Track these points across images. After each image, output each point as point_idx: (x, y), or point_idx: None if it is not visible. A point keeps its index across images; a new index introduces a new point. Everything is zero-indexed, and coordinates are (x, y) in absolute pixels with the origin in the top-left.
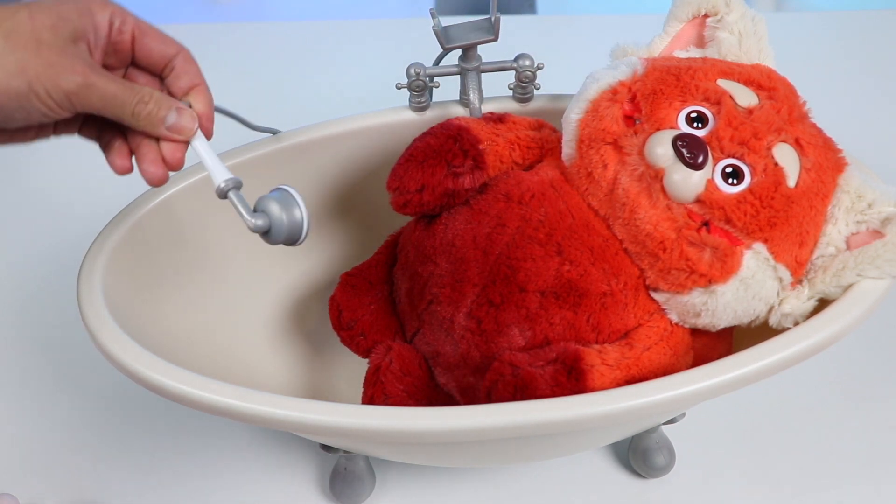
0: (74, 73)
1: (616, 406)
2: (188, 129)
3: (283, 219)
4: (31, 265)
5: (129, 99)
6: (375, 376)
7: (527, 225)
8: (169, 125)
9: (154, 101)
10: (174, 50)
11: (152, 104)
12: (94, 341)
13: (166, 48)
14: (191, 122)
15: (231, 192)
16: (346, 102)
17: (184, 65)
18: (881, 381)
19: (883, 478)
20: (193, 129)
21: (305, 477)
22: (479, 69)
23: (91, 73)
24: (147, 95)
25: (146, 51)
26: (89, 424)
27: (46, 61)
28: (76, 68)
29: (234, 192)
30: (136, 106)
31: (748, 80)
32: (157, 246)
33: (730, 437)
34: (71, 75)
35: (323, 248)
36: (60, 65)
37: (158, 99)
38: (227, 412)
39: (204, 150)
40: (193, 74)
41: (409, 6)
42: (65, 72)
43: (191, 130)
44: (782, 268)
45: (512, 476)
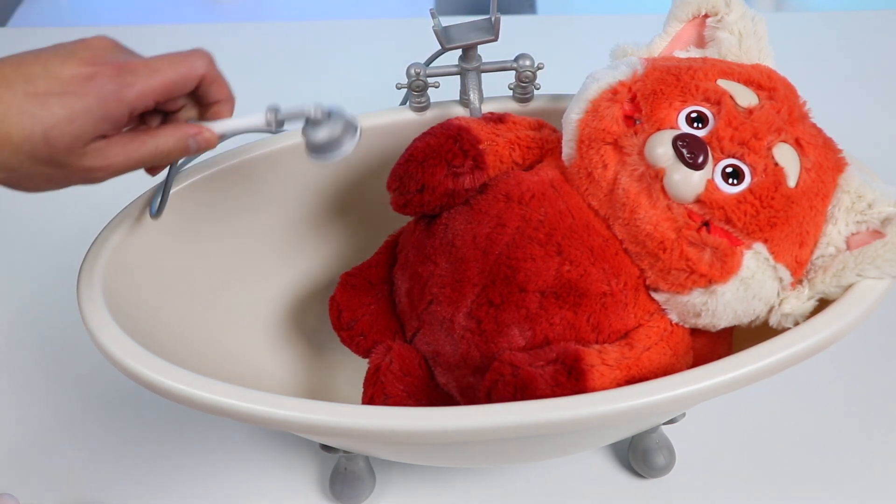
0: (95, 172)
1: (616, 406)
2: (213, 141)
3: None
4: (32, 265)
5: (151, 156)
6: (375, 376)
7: (527, 225)
8: (193, 150)
9: (172, 143)
10: (195, 74)
11: (172, 148)
12: (94, 341)
13: (188, 82)
14: (211, 136)
15: (279, 115)
16: (346, 102)
17: (211, 76)
18: (881, 381)
19: (883, 478)
20: (216, 141)
21: (305, 477)
22: (479, 69)
23: (108, 163)
24: (162, 143)
25: (174, 95)
26: (89, 424)
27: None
28: (94, 167)
29: (281, 112)
30: (161, 158)
31: (748, 80)
32: (157, 245)
33: (730, 437)
34: (93, 175)
35: (323, 248)
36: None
37: (174, 141)
38: (227, 412)
39: (232, 126)
40: (219, 84)
41: (409, 6)
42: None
43: (215, 141)
44: (782, 268)
45: (512, 476)
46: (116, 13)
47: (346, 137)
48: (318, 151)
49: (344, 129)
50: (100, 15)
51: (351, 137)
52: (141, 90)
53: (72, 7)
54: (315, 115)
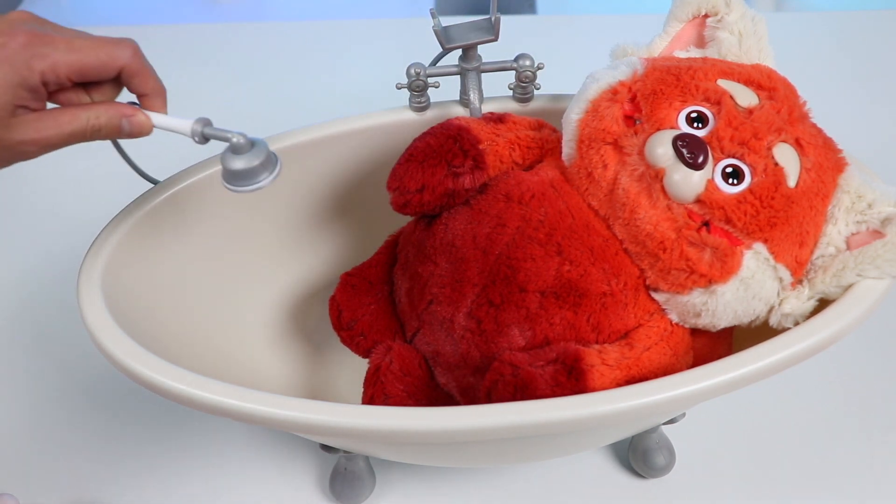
0: (25, 146)
1: (616, 406)
2: (145, 127)
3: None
4: (32, 265)
5: (82, 130)
6: (375, 376)
7: (527, 225)
8: (126, 132)
9: (104, 122)
10: (115, 64)
11: (104, 126)
12: (94, 341)
13: (108, 66)
14: (145, 121)
15: (206, 128)
16: (346, 102)
17: (133, 69)
18: (881, 381)
19: (883, 478)
20: (150, 126)
21: (305, 477)
22: (480, 69)
23: (39, 135)
24: (95, 119)
25: (91, 76)
26: (89, 424)
27: None
28: (25, 139)
29: (209, 127)
30: (92, 133)
31: (748, 80)
32: (157, 246)
33: (730, 437)
34: (23, 148)
35: (323, 248)
36: (11, 146)
37: (106, 118)
38: (227, 412)
39: (164, 121)
40: (143, 77)
41: (409, 6)
42: (17, 149)
43: (148, 128)
44: (782, 268)
45: (512, 476)
46: (116, 13)
47: (262, 171)
48: (232, 179)
49: (262, 163)
50: (100, 15)
51: (269, 173)
52: (53, 62)
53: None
54: (237, 143)
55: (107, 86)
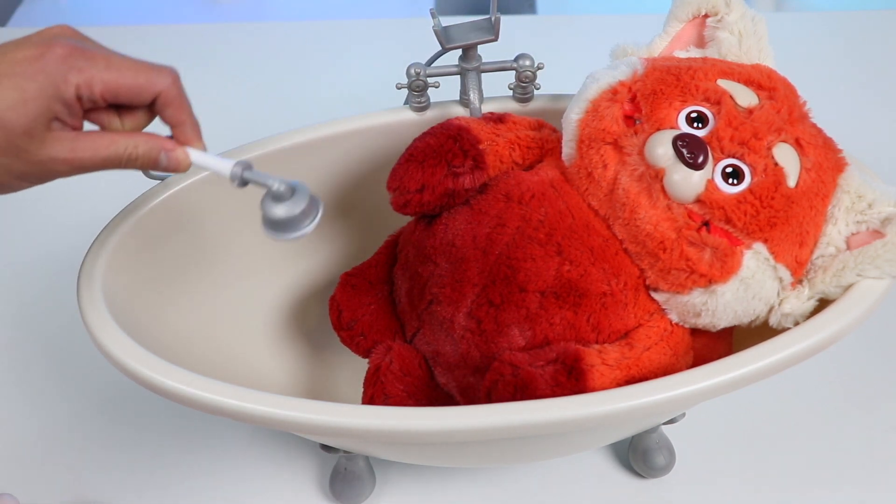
0: (58, 164)
1: (616, 406)
2: (183, 164)
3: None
4: (32, 265)
5: (118, 157)
6: (375, 376)
7: (527, 225)
8: (163, 166)
9: (142, 153)
10: (153, 89)
11: (141, 156)
12: (94, 341)
13: (144, 91)
14: (184, 157)
15: (246, 172)
16: (346, 102)
17: (169, 97)
18: (881, 381)
19: (883, 478)
20: (188, 163)
21: (305, 477)
22: (479, 69)
23: (74, 155)
24: (133, 148)
25: (124, 99)
26: (89, 424)
27: (29, 162)
28: (58, 158)
29: (249, 172)
30: (127, 162)
31: (748, 80)
32: (157, 246)
33: (730, 437)
34: (55, 166)
35: (323, 248)
36: (43, 162)
37: (145, 149)
38: (227, 412)
39: (203, 160)
40: (178, 107)
41: (409, 6)
42: (49, 166)
43: (185, 164)
44: (782, 268)
45: (512, 476)
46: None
47: (304, 219)
48: (273, 227)
49: (304, 210)
50: (100, 15)
51: (311, 219)
52: (90, 77)
53: (72, 7)
54: (277, 190)
55: (140, 112)
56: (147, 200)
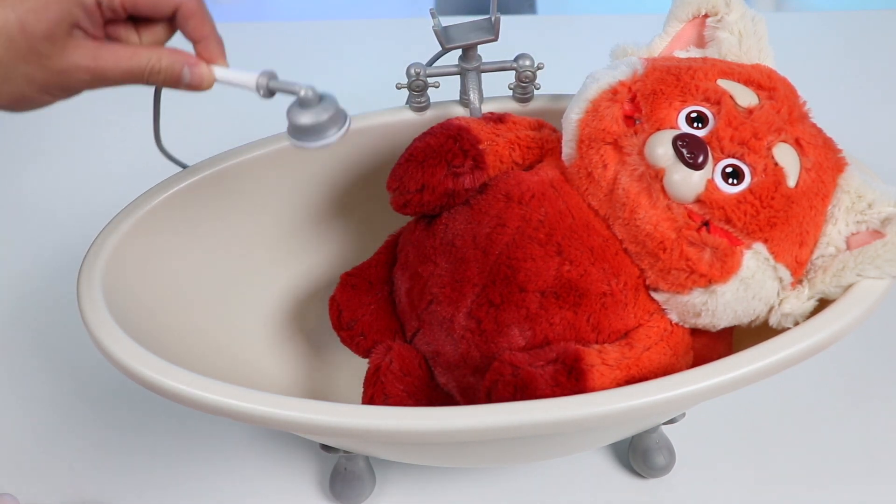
0: (80, 73)
1: (616, 406)
2: (206, 80)
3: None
4: (32, 265)
5: (140, 70)
6: (375, 376)
7: (527, 225)
8: (186, 83)
9: (165, 66)
10: (170, 4)
11: (164, 69)
12: (94, 341)
13: (163, 3)
14: (207, 73)
15: (271, 81)
16: (346, 102)
17: (190, 10)
18: (881, 381)
19: (883, 477)
20: (211, 79)
21: (305, 477)
22: (479, 69)
23: (96, 63)
24: (156, 61)
25: (144, 10)
26: (89, 424)
27: (50, 70)
28: (80, 65)
29: (275, 80)
30: (150, 76)
31: (748, 80)
32: (157, 246)
33: (730, 437)
34: (77, 75)
35: (323, 248)
36: (65, 71)
37: (168, 62)
38: (227, 412)
39: (227, 76)
40: (199, 20)
41: (409, 6)
42: (71, 75)
43: (209, 81)
44: (782, 268)
45: (512, 476)
46: None
47: (331, 126)
48: (298, 134)
49: (332, 117)
50: None
51: (337, 128)
52: None
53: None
54: (305, 96)
55: (160, 27)
56: (147, 200)
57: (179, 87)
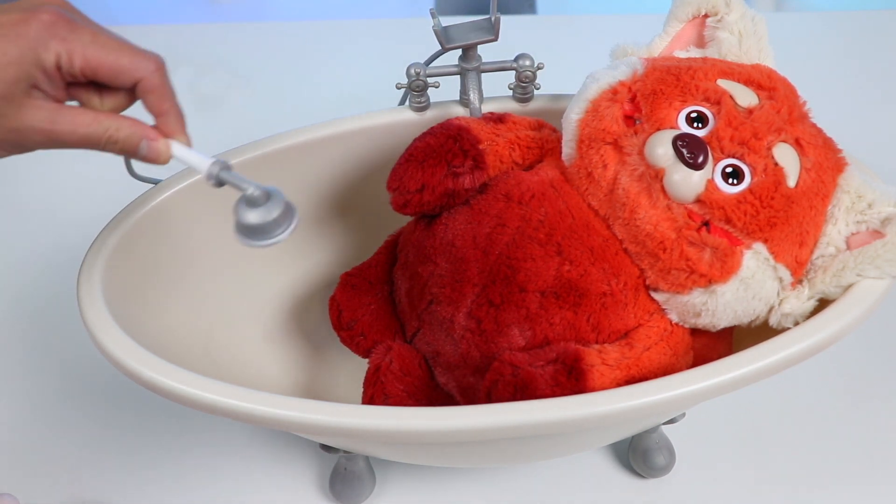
0: (35, 134)
1: (616, 406)
2: (163, 156)
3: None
4: (31, 265)
5: (97, 137)
6: (375, 376)
7: (527, 225)
8: (142, 155)
9: (123, 137)
10: (134, 74)
11: (122, 140)
12: (93, 341)
13: (125, 74)
14: (164, 149)
15: (223, 172)
16: (346, 102)
17: (151, 85)
18: (881, 381)
19: (883, 477)
20: (168, 156)
21: (305, 477)
22: (479, 69)
23: (52, 127)
24: (114, 131)
25: (104, 78)
26: (89, 424)
27: (5, 129)
28: (36, 128)
29: (226, 172)
30: (106, 144)
31: (748, 80)
32: (156, 246)
33: (730, 437)
34: (32, 136)
35: (323, 248)
36: (20, 130)
37: (126, 133)
38: (227, 412)
39: (183, 154)
40: (159, 96)
41: (409, 6)
42: (26, 136)
43: (165, 157)
44: (782, 268)
45: (512, 476)
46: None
47: (279, 226)
48: (245, 233)
49: (279, 217)
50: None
51: (285, 228)
52: (71, 48)
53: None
54: (252, 195)
55: (120, 94)
56: (147, 200)
57: (135, 158)
